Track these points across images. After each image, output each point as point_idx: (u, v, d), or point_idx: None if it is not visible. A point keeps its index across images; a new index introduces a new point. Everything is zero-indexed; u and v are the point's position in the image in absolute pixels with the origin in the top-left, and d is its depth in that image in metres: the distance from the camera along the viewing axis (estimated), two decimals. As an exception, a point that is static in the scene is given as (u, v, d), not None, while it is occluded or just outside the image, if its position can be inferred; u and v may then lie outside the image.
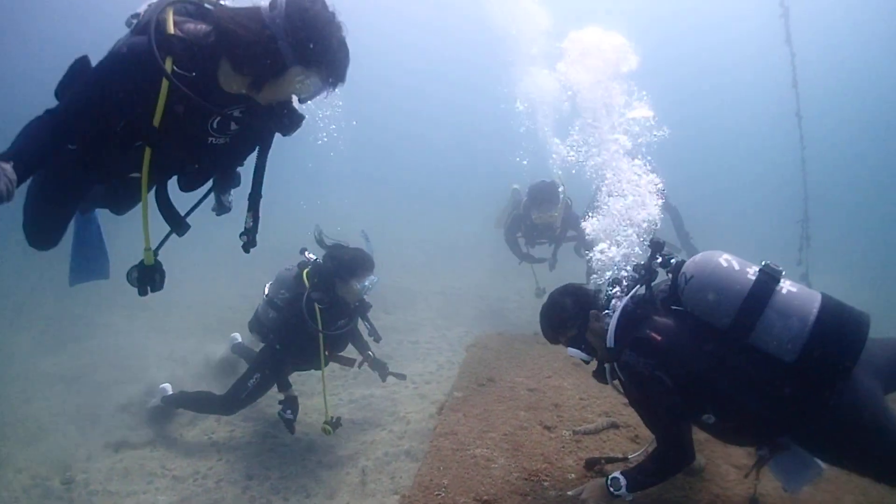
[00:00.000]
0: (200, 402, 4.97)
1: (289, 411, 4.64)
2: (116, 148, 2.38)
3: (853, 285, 9.58)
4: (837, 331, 2.32)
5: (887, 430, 2.28)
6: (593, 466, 3.02)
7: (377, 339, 5.28)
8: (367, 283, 4.67)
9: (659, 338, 2.58)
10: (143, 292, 2.55)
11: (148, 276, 2.54)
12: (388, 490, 4.19)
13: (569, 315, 2.97)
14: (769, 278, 2.47)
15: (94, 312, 8.07)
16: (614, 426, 3.60)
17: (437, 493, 2.87)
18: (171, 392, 5.10)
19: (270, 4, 2.15)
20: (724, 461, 3.29)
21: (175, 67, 2.15)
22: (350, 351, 5.21)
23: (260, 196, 2.80)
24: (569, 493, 2.85)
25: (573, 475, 3.06)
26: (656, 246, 2.83)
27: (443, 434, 3.52)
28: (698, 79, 29.18)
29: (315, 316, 4.53)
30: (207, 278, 9.76)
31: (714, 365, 2.49)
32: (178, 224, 2.67)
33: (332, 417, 4.66)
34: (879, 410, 2.31)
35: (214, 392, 5.00)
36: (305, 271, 4.73)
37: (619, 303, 2.78)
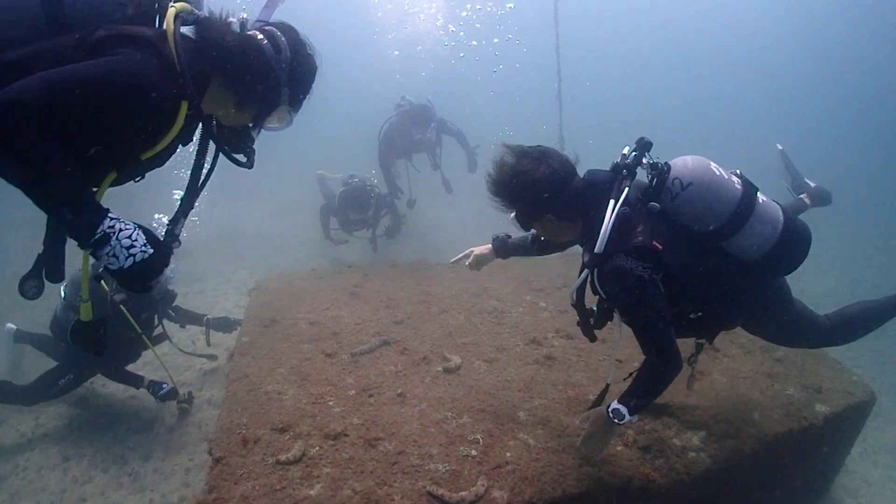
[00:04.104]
0: None
1: (164, 387, 4.78)
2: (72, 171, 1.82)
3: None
4: (795, 237, 2.70)
5: (793, 304, 3.03)
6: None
7: (182, 325, 5.47)
8: (167, 274, 4.65)
9: (661, 247, 2.47)
10: (97, 353, 2.28)
11: (92, 336, 2.23)
12: (197, 439, 4.53)
13: (541, 198, 2.56)
14: (752, 188, 2.66)
15: None
16: (386, 343, 4.11)
17: (238, 431, 3.17)
18: None
19: (273, 46, 2.14)
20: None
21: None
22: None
23: (192, 207, 2.63)
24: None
25: (353, 391, 3.52)
26: (646, 146, 2.65)
27: (236, 379, 3.75)
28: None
29: (125, 319, 4.44)
30: None
31: (697, 268, 2.64)
32: (55, 269, 2.16)
33: (186, 395, 4.82)
34: (789, 293, 3.02)
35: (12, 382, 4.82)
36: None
37: (610, 206, 2.50)
